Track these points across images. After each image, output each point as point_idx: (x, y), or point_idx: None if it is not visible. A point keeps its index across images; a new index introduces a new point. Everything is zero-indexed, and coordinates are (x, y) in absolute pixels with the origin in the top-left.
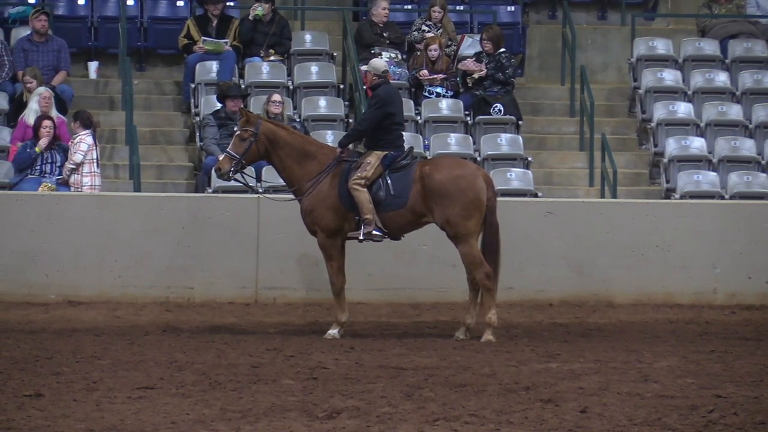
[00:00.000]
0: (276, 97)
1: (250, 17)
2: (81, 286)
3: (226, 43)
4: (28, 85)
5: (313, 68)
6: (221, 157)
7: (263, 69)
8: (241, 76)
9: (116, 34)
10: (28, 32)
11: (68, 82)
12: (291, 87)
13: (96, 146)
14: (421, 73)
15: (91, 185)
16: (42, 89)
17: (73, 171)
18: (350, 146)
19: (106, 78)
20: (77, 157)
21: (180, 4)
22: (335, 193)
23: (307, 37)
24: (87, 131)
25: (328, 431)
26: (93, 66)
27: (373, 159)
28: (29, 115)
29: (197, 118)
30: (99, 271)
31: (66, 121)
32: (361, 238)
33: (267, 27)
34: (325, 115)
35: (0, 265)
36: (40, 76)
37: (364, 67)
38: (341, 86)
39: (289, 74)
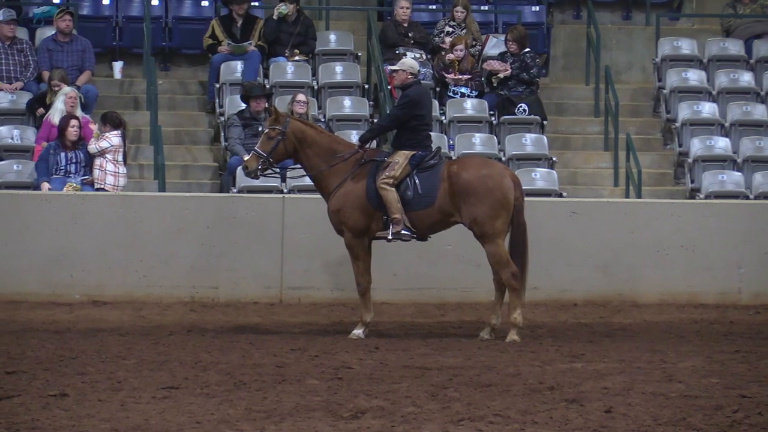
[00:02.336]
0: (300, 97)
1: (275, 16)
2: (106, 286)
3: (250, 44)
4: (55, 88)
5: (338, 68)
6: (248, 156)
7: (288, 69)
8: (266, 75)
9: (141, 33)
10: (53, 32)
11: (93, 82)
12: (315, 87)
13: (123, 146)
14: (447, 72)
15: (114, 185)
16: (68, 89)
17: (94, 157)
18: (377, 146)
19: (131, 78)
20: (91, 147)
21: (205, 4)
22: (363, 193)
23: (332, 37)
24: (116, 131)
25: (352, 431)
26: (117, 66)
27: (401, 158)
28: (54, 115)
29: (222, 118)
30: (124, 271)
31: (91, 120)
32: (389, 237)
33: (292, 27)
34: (350, 115)
35: (25, 266)
36: (66, 79)
37: (395, 66)
38: (366, 86)
39: (314, 74)
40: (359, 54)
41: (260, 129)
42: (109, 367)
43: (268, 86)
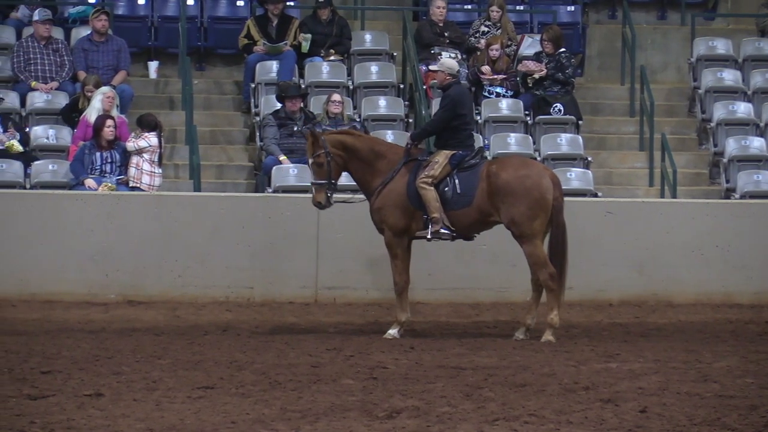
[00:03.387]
0: (336, 96)
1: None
2: (141, 286)
3: (285, 44)
4: (89, 94)
5: (373, 68)
6: (314, 192)
7: (323, 69)
8: (302, 75)
9: (176, 33)
10: (88, 32)
11: (128, 81)
12: (351, 87)
13: (160, 148)
14: (483, 68)
15: (150, 184)
16: (106, 89)
17: (130, 156)
18: (419, 145)
19: (166, 78)
20: (129, 146)
21: (240, 3)
22: (404, 191)
23: (367, 36)
24: (153, 132)
25: (387, 431)
26: (153, 66)
27: (441, 158)
28: (91, 114)
29: (257, 118)
30: (159, 270)
31: (126, 120)
32: (428, 237)
33: (327, 27)
34: (385, 115)
35: (60, 265)
36: (101, 83)
37: (434, 67)
38: (401, 86)
39: (349, 74)
40: (394, 54)
41: (295, 129)
42: (145, 367)
43: (303, 86)
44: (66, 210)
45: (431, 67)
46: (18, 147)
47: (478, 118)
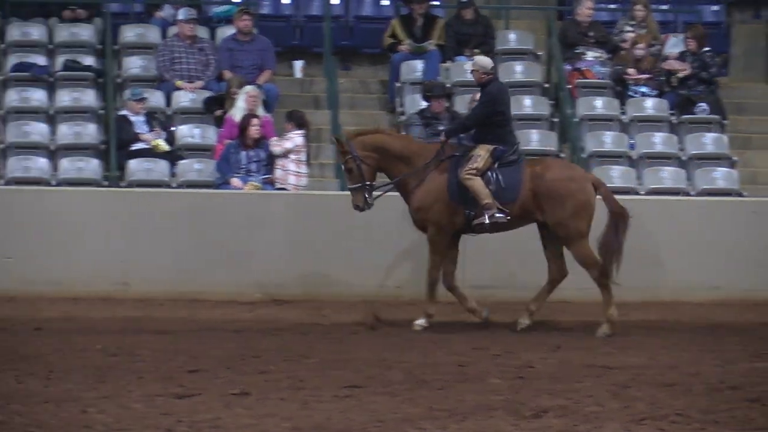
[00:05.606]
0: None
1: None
2: (286, 285)
3: (430, 43)
4: (233, 96)
5: (518, 67)
6: (352, 197)
7: (468, 68)
8: (447, 74)
9: (321, 33)
10: (233, 31)
11: (273, 81)
12: None
13: (306, 147)
14: (628, 71)
15: (296, 185)
16: (250, 88)
17: (275, 158)
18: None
19: (311, 77)
20: (275, 149)
21: (385, 3)
22: (444, 188)
23: (512, 36)
24: (299, 131)
25: (534, 430)
26: (298, 65)
27: (483, 152)
28: (236, 113)
29: (402, 118)
30: (304, 269)
31: (272, 120)
32: (487, 221)
33: (471, 27)
34: (530, 115)
35: (206, 264)
36: (244, 84)
37: (469, 66)
38: (546, 85)
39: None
40: (539, 53)
41: (440, 128)
42: (291, 366)
43: (448, 85)
44: (212, 209)
45: (466, 67)
46: (164, 146)
47: (623, 117)
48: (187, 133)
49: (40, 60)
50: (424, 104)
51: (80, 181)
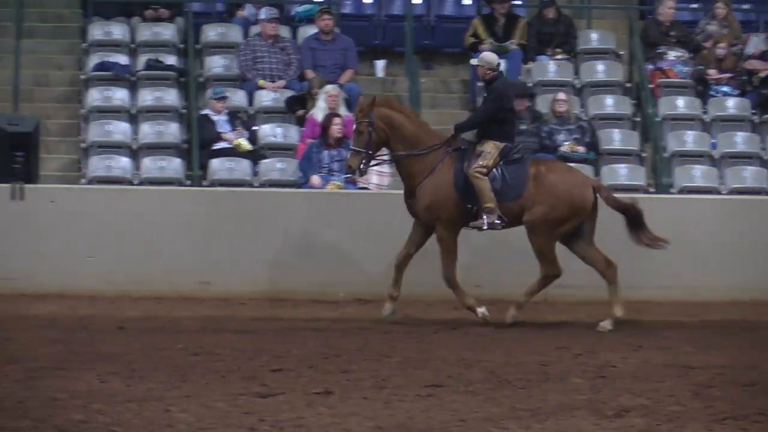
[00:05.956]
0: (561, 95)
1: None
2: (369, 284)
3: (511, 43)
4: (315, 97)
5: (600, 67)
6: (349, 155)
7: (550, 68)
8: (529, 74)
9: (403, 32)
10: (315, 31)
11: (355, 80)
12: (578, 86)
13: None
14: (709, 72)
15: (379, 184)
16: (330, 87)
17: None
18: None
19: (393, 76)
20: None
21: (467, 2)
22: (451, 183)
23: (594, 36)
24: None
25: (616, 429)
26: (380, 64)
27: (492, 148)
28: (318, 113)
29: None
30: (387, 268)
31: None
32: (484, 227)
33: (553, 26)
34: (612, 114)
35: (287, 264)
36: (325, 84)
37: (474, 61)
38: (628, 85)
39: (576, 73)
40: (621, 53)
41: (522, 127)
42: (373, 365)
43: (530, 85)
44: (293, 208)
45: (472, 62)
46: (246, 145)
47: (705, 117)
48: (269, 132)
49: (123, 59)
50: None
51: (162, 180)
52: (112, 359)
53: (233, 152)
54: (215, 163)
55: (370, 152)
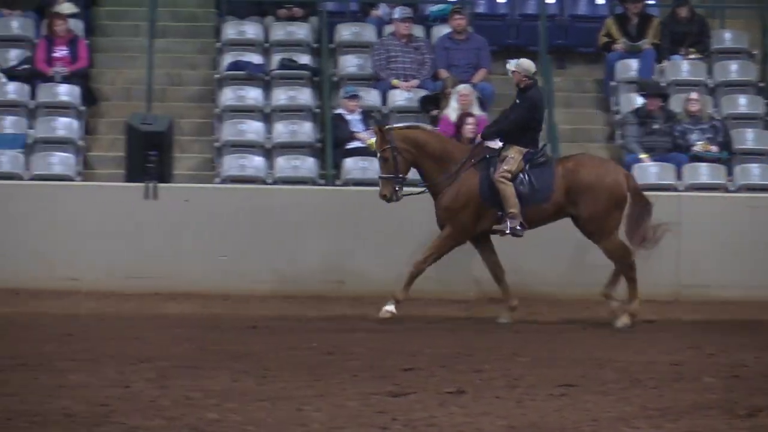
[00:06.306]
0: (694, 95)
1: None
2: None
3: (644, 42)
4: (449, 95)
5: (733, 66)
6: (380, 186)
7: (683, 67)
8: (662, 73)
9: (536, 32)
10: (449, 30)
11: (489, 80)
12: (711, 85)
13: None
14: None
15: None
16: (461, 87)
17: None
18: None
19: None
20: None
21: (600, 2)
22: (476, 189)
23: (727, 35)
24: None
25: (748, 429)
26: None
27: (516, 153)
28: (451, 113)
29: (617, 116)
30: (517, 267)
31: (487, 119)
32: (507, 232)
33: (686, 26)
34: (745, 114)
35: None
36: (458, 83)
37: (510, 66)
38: (761, 84)
39: (709, 72)
40: (754, 52)
41: (655, 127)
42: (505, 364)
43: (663, 85)
44: (427, 207)
45: (508, 67)
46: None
47: None
48: None
49: (256, 59)
50: (639, 103)
51: (296, 179)
52: (244, 358)
53: (367, 151)
54: (349, 163)
55: (401, 176)
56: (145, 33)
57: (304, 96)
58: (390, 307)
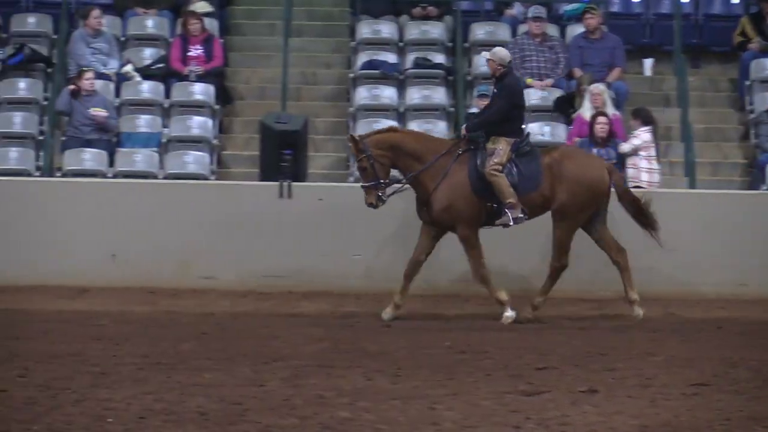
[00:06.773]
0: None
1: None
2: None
3: None
4: (583, 94)
5: None
6: (365, 195)
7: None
8: None
9: (671, 31)
10: (583, 29)
11: (623, 79)
12: None
13: (655, 143)
14: None
15: (649, 181)
16: (594, 86)
17: (625, 157)
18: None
19: (661, 75)
20: (624, 147)
21: (735, 1)
22: (467, 183)
23: None
24: (646, 128)
25: None
26: (648, 63)
27: (504, 145)
28: (585, 112)
29: (751, 116)
30: (648, 267)
31: (621, 118)
32: (511, 223)
33: None
34: None
35: (536, 263)
36: (592, 82)
37: (486, 55)
38: None
39: None
40: None
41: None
42: (638, 364)
43: None
44: None
45: (483, 55)
46: None
47: None
48: (537, 130)
49: (391, 58)
50: None
51: None
52: (377, 357)
53: None
54: None
55: (382, 181)
56: (280, 32)
57: (438, 95)
58: (509, 314)
